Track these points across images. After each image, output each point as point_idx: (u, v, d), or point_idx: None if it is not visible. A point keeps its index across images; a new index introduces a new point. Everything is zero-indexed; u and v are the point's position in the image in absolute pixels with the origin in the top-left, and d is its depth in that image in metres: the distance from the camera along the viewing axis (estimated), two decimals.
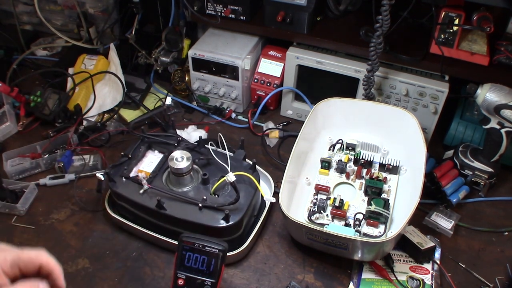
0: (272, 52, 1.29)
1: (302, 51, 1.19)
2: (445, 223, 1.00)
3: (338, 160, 1.04)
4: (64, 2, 1.51)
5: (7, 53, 1.45)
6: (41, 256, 0.51)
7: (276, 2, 1.17)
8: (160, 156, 1.01)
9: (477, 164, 1.06)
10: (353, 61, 1.16)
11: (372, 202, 0.92)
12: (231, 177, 0.86)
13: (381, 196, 0.96)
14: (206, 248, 0.78)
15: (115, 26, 1.49)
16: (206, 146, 1.02)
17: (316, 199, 0.98)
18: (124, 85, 1.28)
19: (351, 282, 0.91)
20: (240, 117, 1.33)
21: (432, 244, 0.92)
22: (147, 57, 1.34)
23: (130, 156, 1.00)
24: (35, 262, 0.51)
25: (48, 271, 0.51)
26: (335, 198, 0.96)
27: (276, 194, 0.96)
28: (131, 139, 1.21)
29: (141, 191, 0.93)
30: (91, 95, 1.28)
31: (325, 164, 1.02)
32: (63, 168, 1.12)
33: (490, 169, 1.05)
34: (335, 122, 1.09)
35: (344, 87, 1.18)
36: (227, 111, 1.30)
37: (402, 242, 0.93)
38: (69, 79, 1.29)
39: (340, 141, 1.07)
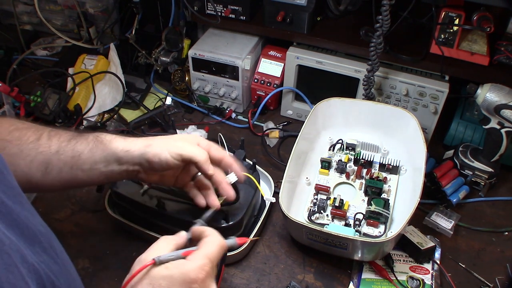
0: (272, 52, 1.28)
1: (302, 51, 1.19)
2: (445, 223, 1.00)
3: (338, 160, 1.04)
4: (64, 2, 1.51)
5: (7, 53, 1.45)
6: (224, 152, 0.78)
7: (276, 2, 1.17)
8: None
9: (477, 164, 1.06)
10: (353, 61, 1.16)
11: (372, 202, 0.92)
12: (232, 177, 0.84)
13: (381, 196, 0.96)
14: None
15: (115, 26, 1.48)
16: None
17: (316, 199, 0.98)
18: (124, 85, 1.28)
19: (351, 282, 0.91)
20: (240, 117, 1.33)
21: (432, 244, 0.92)
22: (147, 57, 1.34)
23: None
24: (220, 153, 0.77)
25: (227, 164, 0.78)
26: (335, 198, 0.96)
27: (276, 194, 0.96)
28: None
29: (141, 191, 0.93)
30: (91, 95, 1.28)
31: (325, 164, 1.02)
32: None
33: (490, 169, 1.05)
34: (335, 122, 1.09)
35: (344, 87, 1.18)
36: (227, 111, 1.30)
37: (402, 242, 0.93)
38: (69, 79, 1.29)
39: (340, 141, 1.07)
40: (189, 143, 0.74)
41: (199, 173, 0.81)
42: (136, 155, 0.72)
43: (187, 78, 1.34)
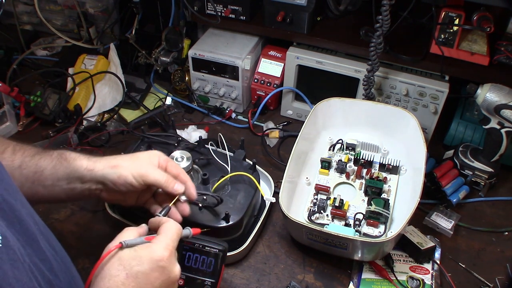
0: (272, 52, 1.28)
1: (302, 51, 1.19)
2: (445, 223, 1.00)
3: (338, 160, 1.04)
4: (64, 2, 1.51)
5: (7, 53, 1.45)
6: (181, 169, 0.78)
7: (276, 2, 1.17)
8: None
9: (477, 164, 1.06)
10: (353, 61, 1.16)
11: (372, 202, 0.92)
12: (181, 197, 0.79)
13: (381, 196, 0.96)
14: (206, 248, 0.78)
15: (115, 26, 1.49)
16: (206, 146, 1.02)
17: (316, 199, 0.98)
18: (124, 85, 1.28)
19: (351, 282, 0.91)
20: (240, 117, 1.33)
21: (432, 244, 0.92)
22: (147, 57, 1.34)
23: None
24: (177, 169, 0.78)
25: (182, 181, 0.77)
26: (335, 198, 0.96)
27: (276, 194, 0.96)
28: (131, 139, 1.21)
29: None
30: (91, 95, 1.28)
31: (325, 164, 1.02)
32: None
33: (490, 169, 1.05)
34: (335, 122, 1.09)
35: (344, 87, 1.18)
36: (227, 111, 1.30)
37: (402, 242, 0.93)
38: (69, 79, 1.29)
39: (340, 141, 1.07)
40: (153, 167, 0.75)
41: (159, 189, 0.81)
42: (99, 175, 0.74)
43: (187, 78, 1.34)
